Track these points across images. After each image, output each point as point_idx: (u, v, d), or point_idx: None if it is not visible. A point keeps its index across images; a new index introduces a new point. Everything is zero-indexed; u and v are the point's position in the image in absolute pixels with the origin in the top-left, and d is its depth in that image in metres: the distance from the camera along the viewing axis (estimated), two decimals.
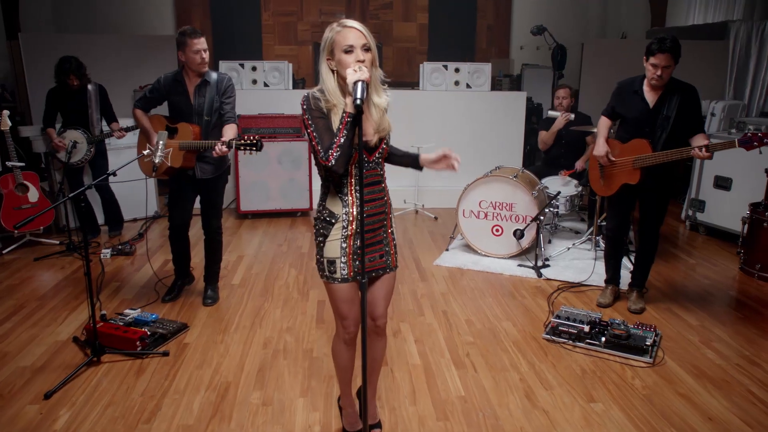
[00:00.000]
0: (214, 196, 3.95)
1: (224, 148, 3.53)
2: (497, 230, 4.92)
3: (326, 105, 2.19)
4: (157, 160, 3.48)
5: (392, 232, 2.45)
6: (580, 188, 5.22)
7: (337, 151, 2.12)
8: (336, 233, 2.31)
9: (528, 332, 3.67)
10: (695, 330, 3.72)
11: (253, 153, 3.56)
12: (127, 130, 5.15)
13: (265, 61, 6.55)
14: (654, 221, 3.91)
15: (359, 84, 1.99)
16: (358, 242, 2.31)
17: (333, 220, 2.31)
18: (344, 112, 2.12)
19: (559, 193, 4.86)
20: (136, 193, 5.64)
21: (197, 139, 3.68)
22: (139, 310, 3.75)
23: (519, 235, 4.77)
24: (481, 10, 11.74)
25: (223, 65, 6.35)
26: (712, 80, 7.98)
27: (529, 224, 4.73)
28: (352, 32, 2.14)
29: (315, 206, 6.29)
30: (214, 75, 3.76)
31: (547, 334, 3.59)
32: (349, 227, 2.29)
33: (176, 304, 4.03)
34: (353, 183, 2.28)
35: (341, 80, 2.19)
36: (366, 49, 2.14)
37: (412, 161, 2.49)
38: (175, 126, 3.75)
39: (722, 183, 5.39)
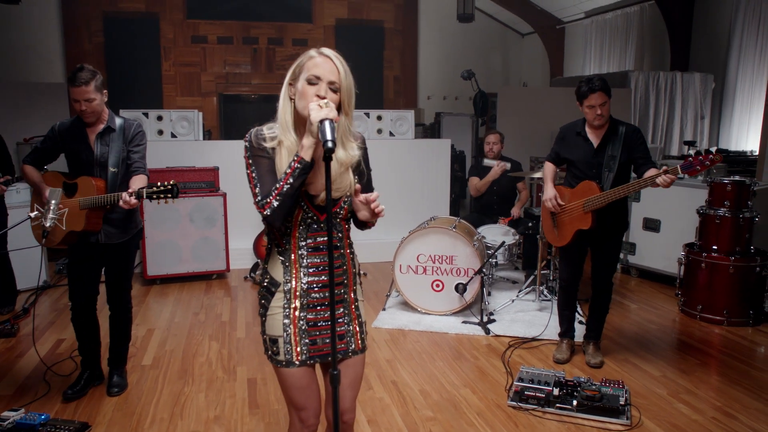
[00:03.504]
0: (123, 265, 3.31)
1: (132, 200, 2.90)
2: (437, 285, 4.58)
3: (270, 143, 1.80)
4: (48, 224, 2.87)
5: (357, 308, 2.00)
6: (517, 236, 5.04)
7: (277, 200, 1.73)
8: (277, 305, 1.88)
9: (491, 399, 3.30)
10: (660, 382, 3.52)
11: (169, 201, 2.99)
12: (6, 183, 4.19)
13: (172, 110, 5.98)
14: (608, 268, 3.76)
15: (327, 123, 1.60)
16: (308, 316, 1.88)
17: (273, 289, 1.88)
18: (296, 155, 1.73)
19: (503, 243, 4.63)
20: (21, 259, 4.80)
21: (101, 194, 3.06)
22: (22, 410, 3.00)
23: (461, 289, 4.46)
24: (387, 61, 11.84)
25: (125, 114, 5.71)
26: None
27: (472, 278, 4.44)
28: (326, 63, 1.77)
29: (232, 267, 5.81)
30: (119, 120, 3.20)
31: (512, 400, 3.24)
32: (293, 301, 1.87)
33: None
34: (297, 245, 1.86)
35: (297, 114, 1.81)
36: (334, 89, 1.77)
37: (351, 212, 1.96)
38: (74, 182, 3.12)
39: (651, 225, 5.42)
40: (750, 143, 7.64)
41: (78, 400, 3.25)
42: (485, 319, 4.40)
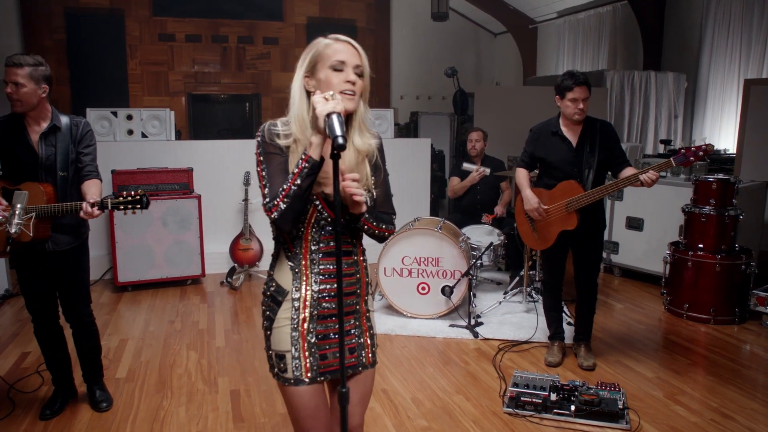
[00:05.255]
0: (75, 273, 3.01)
1: (95, 211, 2.63)
2: (423, 288, 4.46)
3: (284, 140, 1.67)
4: (13, 230, 2.63)
5: (368, 319, 1.87)
6: (502, 237, 4.95)
7: (284, 202, 1.60)
8: (284, 316, 1.72)
9: (486, 406, 3.19)
10: (654, 383, 3.47)
11: (136, 212, 2.77)
12: None
13: (142, 108, 5.73)
14: (592, 269, 3.70)
15: (335, 117, 1.46)
16: (318, 328, 1.74)
17: (280, 298, 1.73)
18: (304, 153, 1.59)
19: (491, 244, 4.53)
20: None
21: (51, 201, 2.75)
22: None
23: (448, 292, 4.35)
24: None
25: (92, 113, 5.45)
26: None
27: (459, 280, 4.33)
28: (348, 48, 1.66)
29: (207, 272, 5.60)
30: (64, 119, 2.89)
31: (508, 407, 3.13)
32: (302, 310, 1.71)
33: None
34: (309, 249, 1.72)
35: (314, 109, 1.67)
36: (359, 73, 1.66)
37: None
38: (18, 188, 2.79)
39: (634, 224, 5.40)
40: (722, 142, 7.73)
41: (47, 421, 3.03)
42: (473, 322, 4.29)
